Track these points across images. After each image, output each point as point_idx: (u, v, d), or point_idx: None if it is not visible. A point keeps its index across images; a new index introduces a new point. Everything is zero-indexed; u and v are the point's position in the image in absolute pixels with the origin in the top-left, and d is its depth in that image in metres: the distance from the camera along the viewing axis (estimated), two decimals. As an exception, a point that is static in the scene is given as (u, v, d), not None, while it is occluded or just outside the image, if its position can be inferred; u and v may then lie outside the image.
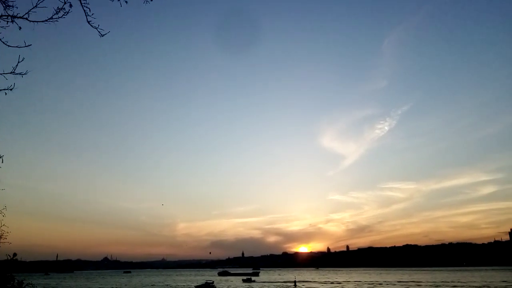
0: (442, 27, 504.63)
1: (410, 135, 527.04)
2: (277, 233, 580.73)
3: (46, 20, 7.07)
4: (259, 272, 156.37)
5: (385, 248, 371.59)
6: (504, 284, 75.67)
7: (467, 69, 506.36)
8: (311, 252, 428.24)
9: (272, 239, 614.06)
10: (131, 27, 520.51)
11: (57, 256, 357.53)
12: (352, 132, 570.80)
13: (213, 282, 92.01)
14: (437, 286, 67.78)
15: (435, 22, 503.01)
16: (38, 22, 7.06)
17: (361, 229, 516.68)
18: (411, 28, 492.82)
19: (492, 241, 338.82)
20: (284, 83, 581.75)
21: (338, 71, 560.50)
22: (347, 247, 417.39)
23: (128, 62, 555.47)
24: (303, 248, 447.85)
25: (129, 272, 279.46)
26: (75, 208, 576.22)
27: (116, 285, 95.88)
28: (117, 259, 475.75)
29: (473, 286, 68.47)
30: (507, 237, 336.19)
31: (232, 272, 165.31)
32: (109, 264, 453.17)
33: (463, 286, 71.36)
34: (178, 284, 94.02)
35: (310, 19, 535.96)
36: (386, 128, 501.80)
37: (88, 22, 7.19)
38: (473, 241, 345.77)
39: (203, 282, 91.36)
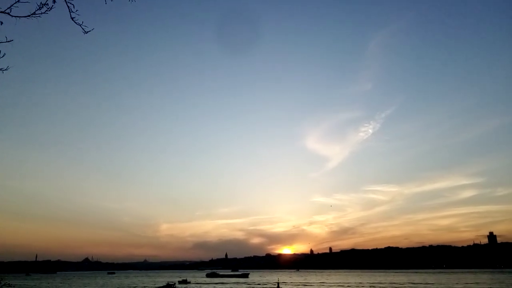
0: (426, 32, 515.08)
1: (393, 138, 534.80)
2: (261, 234, 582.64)
3: (28, 16, 6.96)
4: (248, 274, 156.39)
5: (367, 250, 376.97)
6: (474, 286, 78.75)
7: (449, 74, 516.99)
8: (294, 254, 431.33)
9: (255, 240, 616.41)
10: (126, 24, 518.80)
11: (36, 257, 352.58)
12: (337, 134, 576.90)
13: (174, 283, 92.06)
14: None
15: (420, 28, 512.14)
16: (21, 17, 6.94)
17: (344, 231, 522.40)
18: (397, 32, 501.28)
19: (471, 244, 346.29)
20: (268, 84, 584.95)
21: (323, 73, 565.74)
22: (330, 249, 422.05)
23: (118, 60, 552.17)
24: (287, 250, 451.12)
25: (113, 273, 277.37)
26: (55, 208, 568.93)
27: (94, 286, 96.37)
28: (99, 260, 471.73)
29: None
30: (485, 240, 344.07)
31: (221, 273, 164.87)
32: (90, 265, 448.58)
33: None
34: (147, 285, 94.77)
35: (295, 21, 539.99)
36: (370, 131, 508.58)
37: (72, 18, 7.19)
38: (453, 244, 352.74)
39: (164, 283, 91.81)
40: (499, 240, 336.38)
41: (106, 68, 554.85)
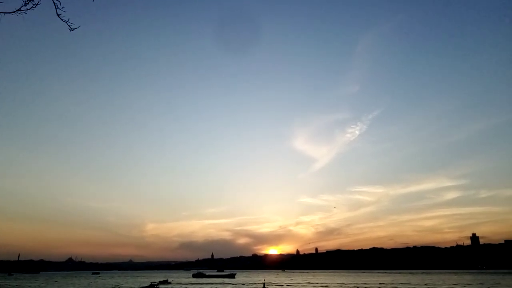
0: (413, 35, 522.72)
1: (379, 140, 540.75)
2: (248, 234, 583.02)
3: (14, 12, 6.85)
4: (235, 274, 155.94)
5: (353, 251, 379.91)
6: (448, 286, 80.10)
7: (435, 77, 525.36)
8: (280, 254, 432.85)
9: (242, 240, 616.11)
10: (116, 22, 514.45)
11: (18, 256, 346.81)
12: (324, 135, 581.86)
13: (157, 284, 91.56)
14: None
15: (407, 30, 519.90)
16: (5, 14, 6.82)
17: (330, 232, 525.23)
18: (384, 34, 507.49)
19: (455, 245, 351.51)
20: (257, 85, 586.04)
21: (311, 74, 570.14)
22: (316, 249, 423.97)
23: (106, 59, 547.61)
24: (273, 250, 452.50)
25: (98, 273, 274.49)
26: (39, 207, 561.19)
27: (79, 286, 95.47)
28: (82, 260, 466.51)
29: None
30: (468, 242, 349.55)
31: (207, 274, 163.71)
32: (74, 265, 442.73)
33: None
34: (132, 285, 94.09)
35: (283, 22, 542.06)
36: (357, 132, 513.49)
37: (58, 15, 7.12)
38: (437, 245, 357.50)
39: (147, 284, 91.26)
40: (481, 241, 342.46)
41: (94, 67, 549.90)
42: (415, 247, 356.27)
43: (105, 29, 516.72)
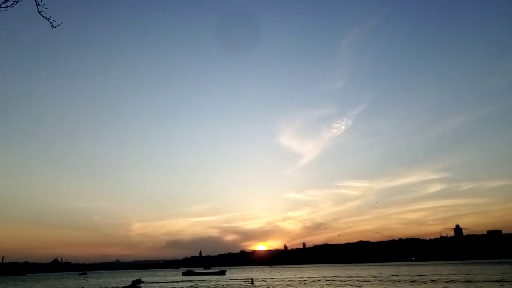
0: (397, 30, 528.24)
1: (364, 134, 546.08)
2: (235, 231, 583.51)
3: None
4: (225, 271, 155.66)
5: (340, 245, 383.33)
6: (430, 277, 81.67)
7: (418, 72, 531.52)
8: (268, 250, 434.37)
9: (230, 237, 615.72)
10: (101, 19, 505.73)
11: (2, 258, 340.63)
12: (310, 131, 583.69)
13: (131, 282, 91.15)
14: (365, 280, 72.36)
15: (391, 25, 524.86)
16: None
17: (317, 227, 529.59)
18: (368, 30, 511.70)
19: (439, 237, 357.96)
20: (242, 82, 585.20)
21: (296, 70, 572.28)
22: (304, 244, 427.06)
23: (93, 55, 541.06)
24: (261, 246, 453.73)
25: (85, 273, 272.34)
26: (22, 208, 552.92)
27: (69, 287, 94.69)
28: (68, 261, 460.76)
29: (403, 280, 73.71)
30: (452, 233, 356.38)
31: (197, 271, 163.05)
32: (60, 267, 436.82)
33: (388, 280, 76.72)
34: (119, 285, 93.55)
35: (268, 19, 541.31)
36: (343, 127, 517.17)
37: (39, 12, 6.98)
38: (421, 237, 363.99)
39: (129, 283, 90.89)
40: (464, 232, 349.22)
41: (81, 66, 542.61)
42: (400, 240, 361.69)
43: (99, 26, 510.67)
